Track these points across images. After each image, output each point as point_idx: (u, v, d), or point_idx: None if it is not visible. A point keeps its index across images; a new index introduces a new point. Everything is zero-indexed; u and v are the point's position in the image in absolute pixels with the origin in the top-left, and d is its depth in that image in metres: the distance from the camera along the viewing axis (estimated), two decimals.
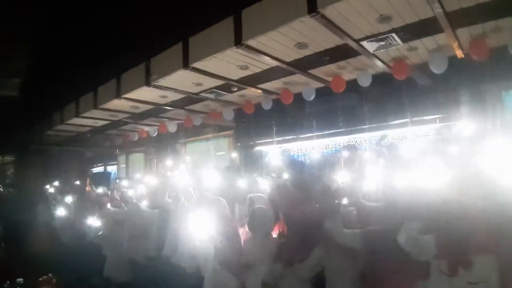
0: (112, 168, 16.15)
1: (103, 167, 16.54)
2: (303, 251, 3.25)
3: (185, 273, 4.54)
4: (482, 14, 4.28)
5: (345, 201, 3.61)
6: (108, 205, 6.39)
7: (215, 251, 3.64)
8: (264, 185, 4.93)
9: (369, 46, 5.09)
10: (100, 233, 5.94)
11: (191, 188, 5.00)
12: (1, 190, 16.90)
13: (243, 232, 4.10)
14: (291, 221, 3.68)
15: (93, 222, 6.07)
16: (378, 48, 5.18)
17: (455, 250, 2.32)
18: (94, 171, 16.76)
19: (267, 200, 4.27)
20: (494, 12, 4.23)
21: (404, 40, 4.92)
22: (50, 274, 4.09)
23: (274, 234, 3.86)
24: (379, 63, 5.71)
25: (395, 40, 4.91)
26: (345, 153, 5.65)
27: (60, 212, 7.58)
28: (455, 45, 5.06)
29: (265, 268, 3.37)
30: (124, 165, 14.72)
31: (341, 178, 4.58)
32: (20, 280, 4.10)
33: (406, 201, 2.67)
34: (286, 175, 5.44)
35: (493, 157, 3.08)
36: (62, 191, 9.09)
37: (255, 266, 3.45)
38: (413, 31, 4.67)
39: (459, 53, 5.35)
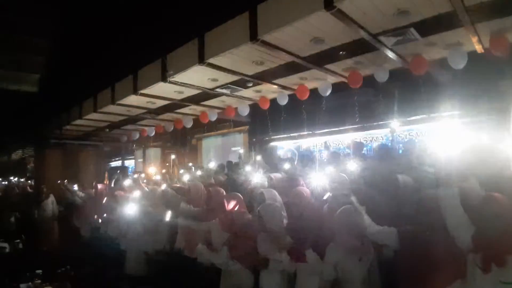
0: (129, 163, 16.34)
1: (120, 161, 16.75)
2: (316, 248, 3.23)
3: (202, 266, 4.56)
4: (502, 9, 4.16)
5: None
6: (124, 199, 6.46)
7: (228, 246, 3.64)
8: (277, 180, 4.91)
9: (387, 40, 5.01)
10: (115, 227, 6.01)
11: (201, 185, 5.02)
12: (21, 183, 17.28)
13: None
14: (305, 217, 3.64)
15: (110, 216, 6.16)
16: (395, 43, 5.10)
17: (489, 246, 2.28)
18: (111, 165, 17.01)
19: (280, 195, 4.24)
20: None
21: (422, 34, 4.83)
22: (68, 267, 4.15)
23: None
24: (396, 58, 5.62)
25: (413, 35, 4.82)
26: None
27: (78, 204, 7.70)
28: (475, 40, 4.94)
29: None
30: (141, 160, 14.86)
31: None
32: (39, 271, 4.18)
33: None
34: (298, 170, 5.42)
35: None
36: (79, 185, 9.23)
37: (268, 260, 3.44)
38: (432, 25, 4.58)
39: (479, 48, 5.23)
